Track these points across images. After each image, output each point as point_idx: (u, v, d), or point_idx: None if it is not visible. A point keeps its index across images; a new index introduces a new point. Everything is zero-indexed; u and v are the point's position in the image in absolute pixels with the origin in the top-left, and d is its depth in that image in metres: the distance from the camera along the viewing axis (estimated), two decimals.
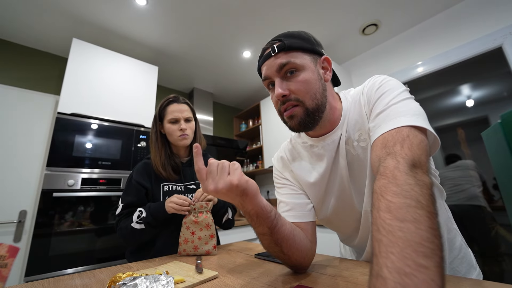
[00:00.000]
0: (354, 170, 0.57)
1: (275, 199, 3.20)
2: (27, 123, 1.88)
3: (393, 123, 0.44)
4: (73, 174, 1.63)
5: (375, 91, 0.52)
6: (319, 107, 0.54)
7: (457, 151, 2.55)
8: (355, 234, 0.64)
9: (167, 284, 0.45)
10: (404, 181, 0.34)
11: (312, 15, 1.94)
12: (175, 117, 0.97)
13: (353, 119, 0.57)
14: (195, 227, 0.84)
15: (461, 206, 2.13)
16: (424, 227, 0.28)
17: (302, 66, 0.53)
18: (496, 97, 3.74)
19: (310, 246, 0.57)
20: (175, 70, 2.64)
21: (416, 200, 0.31)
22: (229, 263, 0.68)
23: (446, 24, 1.92)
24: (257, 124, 3.19)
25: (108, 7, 1.77)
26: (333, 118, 0.58)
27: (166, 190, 0.95)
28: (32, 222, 1.73)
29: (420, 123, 0.42)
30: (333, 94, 0.60)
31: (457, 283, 0.42)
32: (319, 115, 0.54)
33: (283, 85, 0.53)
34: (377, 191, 0.36)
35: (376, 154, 0.43)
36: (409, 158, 0.37)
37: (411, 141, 0.40)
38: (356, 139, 0.56)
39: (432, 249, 0.27)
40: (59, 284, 0.57)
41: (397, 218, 0.30)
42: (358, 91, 0.59)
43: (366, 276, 0.49)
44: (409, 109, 0.45)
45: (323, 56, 0.57)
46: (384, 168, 0.38)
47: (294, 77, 0.53)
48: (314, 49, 0.55)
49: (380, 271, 0.27)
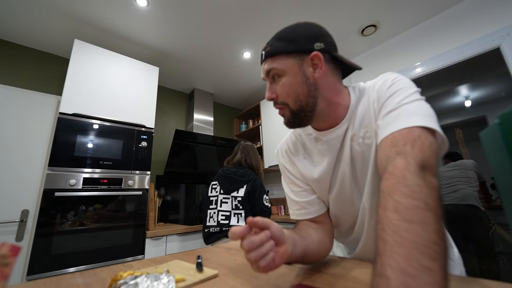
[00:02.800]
0: (356, 166, 0.57)
1: (275, 199, 3.21)
2: (29, 123, 1.89)
3: (405, 123, 0.42)
4: (74, 173, 1.64)
5: (386, 89, 0.51)
6: (303, 108, 0.54)
7: (456, 150, 2.55)
8: (350, 230, 0.64)
9: (168, 283, 0.46)
10: (414, 182, 0.34)
11: (312, 15, 1.94)
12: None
13: (360, 115, 0.56)
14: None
15: (456, 205, 2.14)
16: (431, 229, 0.28)
17: (283, 71, 0.54)
18: (494, 97, 3.75)
19: (329, 241, 0.60)
20: (175, 71, 2.65)
21: (424, 202, 0.31)
22: (229, 262, 0.69)
23: (444, 25, 1.92)
24: (257, 124, 3.19)
25: (110, 8, 1.78)
26: (336, 114, 0.57)
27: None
28: (34, 221, 1.74)
29: (431, 125, 0.41)
30: (336, 89, 0.57)
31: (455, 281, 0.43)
32: (306, 114, 0.55)
33: (272, 88, 0.57)
34: (384, 190, 0.35)
35: (384, 152, 0.42)
36: (420, 159, 0.37)
37: (423, 142, 0.39)
38: (362, 136, 0.55)
39: (438, 252, 0.27)
40: (60, 283, 0.57)
41: (404, 219, 0.30)
42: (369, 87, 0.57)
43: (366, 275, 0.49)
44: (421, 110, 0.44)
45: (312, 53, 0.53)
46: (393, 167, 0.38)
47: (278, 82, 0.56)
48: (299, 49, 0.54)
49: (383, 270, 0.27)
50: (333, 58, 0.57)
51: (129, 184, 1.84)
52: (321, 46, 0.54)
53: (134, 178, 1.88)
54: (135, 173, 1.90)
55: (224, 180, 1.62)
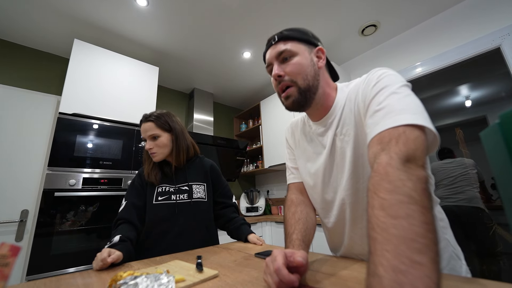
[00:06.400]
0: (335, 161, 0.62)
1: (275, 199, 3.21)
2: (29, 123, 1.89)
3: (391, 122, 0.42)
4: (74, 173, 1.64)
5: (371, 88, 0.51)
6: (310, 87, 0.60)
7: (456, 150, 2.54)
8: (326, 218, 0.69)
9: (167, 283, 0.46)
10: (397, 177, 0.34)
11: (312, 15, 1.94)
12: (143, 137, 1.05)
13: (345, 113, 0.60)
14: None
15: (460, 206, 2.14)
16: (417, 222, 0.28)
17: (296, 52, 0.60)
18: (495, 97, 3.74)
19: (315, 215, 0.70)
20: (175, 71, 2.65)
21: (408, 196, 0.31)
22: (229, 262, 0.69)
23: (444, 25, 1.92)
24: (257, 124, 3.20)
25: (109, 8, 1.78)
26: (326, 104, 0.63)
27: (160, 191, 1.03)
28: (33, 221, 1.74)
29: (418, 121, 0.41)
30: (328, 82, 0.65)
31: (455, 281, 0.43)
32: (311, 95, 0.60)
33: (280, 67, 0.61)
34: (371, 188, 0.36)
35: (372, 150, 0.43)
36: (403, 153, 0.37)
37: (407, 136, 0.39)
38: (344, 133, 0.59)
39: (426, 245, 0.27)
40: (60, 283, 0.58)
41: (390, 215, 0.30)
42: (355, 85, 0.60)
43: (364, 274, 0.49)
44: (407, 107, 0.44)
45: (318, 47, 0.63)
46: (377, 164, 0.38)
47: (289, 61, 0.61)
48: (309, 40, 0.63)
49: (376, 269, 0.27)
50: (326, 60, 0.66)
51: (128, 184, 1.84)
52: (322, 46, 0.65)
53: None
54: (135, 173, 1.89)
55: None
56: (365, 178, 0.56)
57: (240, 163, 2.98)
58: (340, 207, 0.62)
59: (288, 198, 0.73)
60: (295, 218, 0.63)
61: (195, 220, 1.01)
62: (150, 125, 1.02)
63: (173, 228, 0.97)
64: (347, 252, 0.65)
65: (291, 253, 0.43)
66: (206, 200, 1.07)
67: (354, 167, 0.57)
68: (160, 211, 0.98)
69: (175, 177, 1.06)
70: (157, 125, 1.03)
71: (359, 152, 0.56)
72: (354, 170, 0.57)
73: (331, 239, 0.72)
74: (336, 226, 0.65)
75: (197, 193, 1.05)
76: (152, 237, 0.96)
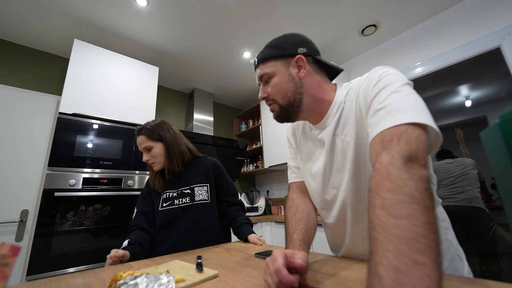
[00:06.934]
0: (335, 161, 0.61)
1: (275, 199, 3.21)
2: (28, 123, 1.89)
3: (392, 121, 0.42)
4: (74, 173, 1.64)
5: (372, 87, 0.51)
6: (291, 103, 0.62)
7: (456, 150, 2.54)
8: (327, 218, 0.68)
9: (167, 283, 0.46)
10: (398, 177, 0.33)
11: (312, 15, 1.94)
12: (140, 149, 1.08)
13: (345, 113, 0.59)
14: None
15: (461, 206, 2.14)
16: (419, 222, 0.28)
17: (272, 73, 0.63)
18: (495, 97, 3.74)
19: (314, 209, 0.70)
20: (175, 71, 2.65)
21: (410, 196, 0.31)
22: (229, 262, 0.69)
23: (444, 25, 1.92)
24: (257, 124, 3.20)
25: (109, 8, 1.78)
26: (321, 109, 0.63)
27: (164, 198, 1.07)
28: (33, 221, 1.74)
29: (420, 119, 0.40)
30: (321, 86, 0.64)
31: (457, 282, 0.42)
32: (294, 109, 0.63)
33: (263, 90, 0.66)
34: (372, 188, 0.35)
35: (374, 150, 0.43)
36: (405, 152, 0.36)
37: (409, 135, 0.39)
38: (345, 133, 0.59)
39: (428, 245, 0.26)
40: (60, 283, 0.58)
41: (391, 215, 0.30)
42: (356, 84, 0.59)
43: (364, 274, 0.49)
44: (408, 105, 0.43)
45: (296, 57, 0.62)
46: (379, 164, 0.38)
47: (269, 83, 0.64)
48: (284, 54, 0.63)
49: (376, 269, 0.27)
50: (317, 60, 0.65)
51: (128, 184, 1.84)
52: (304, 50, 0.63)
53: (134, 178, 1.88)
54: (135, 173, 1.90)
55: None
56: (367, 178, 0.56)
57: (240, 163, 2.98)
58: (341, 207, 0.61)
59: (289, 197, 0.73)
60: (296, 218, 0.63)
61: (197, 222, 1.03)
62: (142, 138, 1.06)
63: (175, 231, 1.01)
64: (348, 252, 0.65)
65: (291, 254, 0.43)
66: (209, 201, 1.08)
67: (356, 167, 0.57)
68: (164, 217, 1.03)
69: (177, 181, 1.10)
70: (148, 137, 1.06)
71: (361, 152, 0.56)
72: (355, 170, 0.57)
73: (332, 239, 0.71)
74: (336, 226, 0.65)
75: (199, 195, 1.07)
76: (156, 241, 1.02)
